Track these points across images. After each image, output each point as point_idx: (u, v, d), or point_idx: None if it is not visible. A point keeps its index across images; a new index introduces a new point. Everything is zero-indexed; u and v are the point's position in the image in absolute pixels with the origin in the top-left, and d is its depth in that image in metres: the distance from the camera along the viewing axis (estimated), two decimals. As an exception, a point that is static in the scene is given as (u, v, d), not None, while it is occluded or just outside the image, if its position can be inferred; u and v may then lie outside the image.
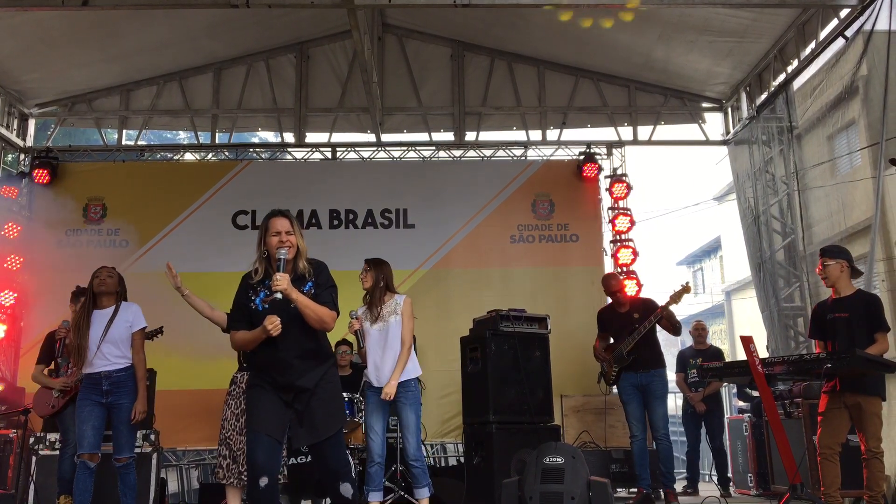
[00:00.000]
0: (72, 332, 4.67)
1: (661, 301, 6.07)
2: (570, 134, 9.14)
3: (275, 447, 3.44)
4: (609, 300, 6.51)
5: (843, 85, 6.94)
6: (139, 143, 9.30)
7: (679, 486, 6.63)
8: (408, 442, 4.75)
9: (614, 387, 6.34)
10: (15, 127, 8.72)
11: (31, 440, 5.64)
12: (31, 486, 5.44)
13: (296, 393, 3.47)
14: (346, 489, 3.59)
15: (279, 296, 3.32)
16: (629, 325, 6.02)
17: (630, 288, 7.85)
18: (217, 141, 9.09)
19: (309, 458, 5.47)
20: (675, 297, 5.84)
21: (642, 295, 6.33)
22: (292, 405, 3.47)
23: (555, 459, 4.44)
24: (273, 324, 3.34)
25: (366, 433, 4.84)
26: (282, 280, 3.33)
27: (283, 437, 3.55)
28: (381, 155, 9.12)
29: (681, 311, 6.17)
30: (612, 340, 6.26)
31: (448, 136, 9.11)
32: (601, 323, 6.40)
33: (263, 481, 3.34)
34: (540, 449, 4.58)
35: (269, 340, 3.42)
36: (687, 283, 5.92)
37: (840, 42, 6.81)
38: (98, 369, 4.57)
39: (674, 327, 6.05)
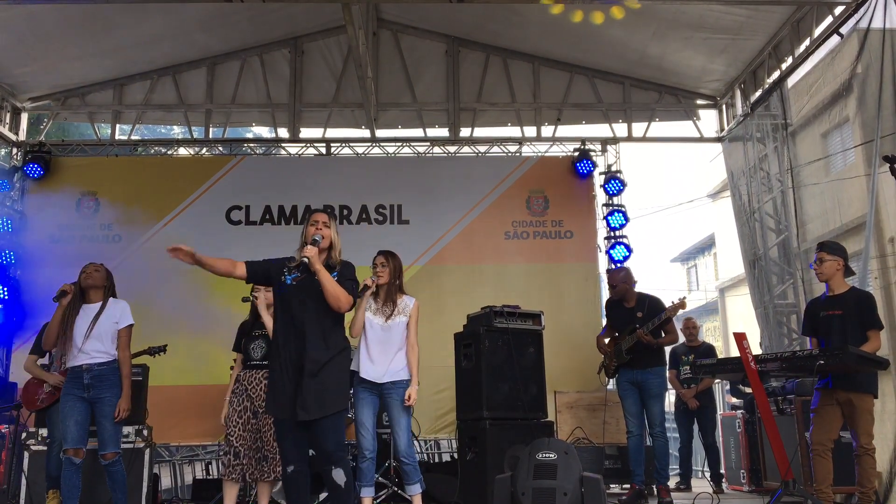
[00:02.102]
0: (57, 325, 4.64)
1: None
2: (564, 130, 9.13)
3: (300, 432, 3.65)
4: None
5: (838, 82, 6.95)
6: (132, 137, 9.24)
7: (672, 482, 6.64)
8: (399, 439, 4.74)
9: (612, 380, 6.36)
10: (7, 121, 8.67)
11: (23, 435, 5.62)
12: (23, 482, 5.42)
13: (304, 365, 3.63)
14: (339, 475, 3.63)
15: (306, 260, 3.61)
16: (631, 323, 6.02)
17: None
18: (211, 136, 9.05)
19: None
20: (672, 311, 5.84)
21: (648, 292, 6.27)
22: (299, 383, 3.62)
23: (547, 455, 4.44)
24: (312, 253, 3.61)
25: (356, 428, 4.84)
26: (310, 250, 3.64)
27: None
28: (376, 150, 9.09)
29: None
30: (616, 333, 6.25)
31: (443, 132, 9.09)
32: (606, 312, 6.41)
33: (290, 469, 3.66)
34: (533, 445, 4.57)
35: (289, 317, 3.70)
36: (683, 298, 5.89)
37: (835, 40, 6.80)
38: (80, 363, 4.57)
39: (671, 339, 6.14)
